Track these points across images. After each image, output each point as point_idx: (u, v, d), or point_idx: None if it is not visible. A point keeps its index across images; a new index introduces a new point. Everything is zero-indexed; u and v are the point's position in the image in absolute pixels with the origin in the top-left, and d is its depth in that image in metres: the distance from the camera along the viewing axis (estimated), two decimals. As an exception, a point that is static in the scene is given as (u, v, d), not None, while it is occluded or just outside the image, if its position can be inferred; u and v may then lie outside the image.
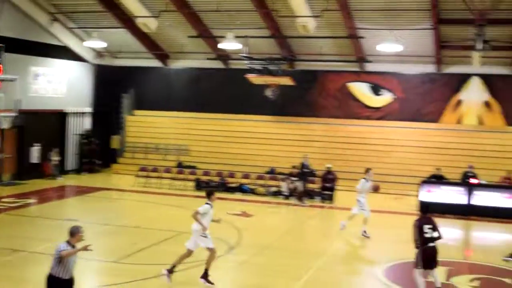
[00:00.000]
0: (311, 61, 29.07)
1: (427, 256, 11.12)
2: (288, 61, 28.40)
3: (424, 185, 22.39)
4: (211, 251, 12.08)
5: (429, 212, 11.64)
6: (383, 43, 24.52)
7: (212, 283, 11.94)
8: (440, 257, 11.55)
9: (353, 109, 29.22)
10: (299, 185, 23.88)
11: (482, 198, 21.69)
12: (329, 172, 24.19)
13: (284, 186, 24.46)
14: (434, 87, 28.11)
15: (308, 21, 23.82)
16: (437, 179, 23.27)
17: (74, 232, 9.17)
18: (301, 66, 29.67)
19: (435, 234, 11.20)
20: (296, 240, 17.56)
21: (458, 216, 21.14)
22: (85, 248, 8.92)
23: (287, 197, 24.26)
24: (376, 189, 17.36)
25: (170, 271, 12.03)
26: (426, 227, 11.15)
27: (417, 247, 11.23)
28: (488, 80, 27.27)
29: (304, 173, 24.03)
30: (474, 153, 26.35)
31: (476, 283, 13.14)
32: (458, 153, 26.50)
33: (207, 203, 12.14)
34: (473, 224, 20.54)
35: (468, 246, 17.09)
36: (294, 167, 24.64)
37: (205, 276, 11.96)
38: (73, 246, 9.04)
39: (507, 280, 13.47)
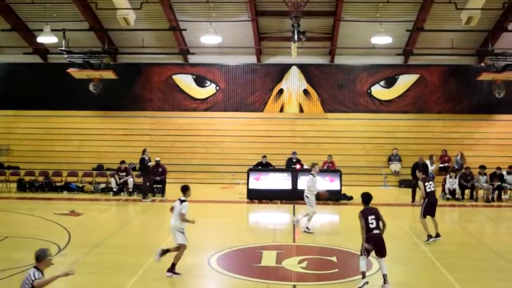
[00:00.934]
0: (134, 54, 28.68)
1: (372, 245, 11.55)
2: (110, 54, 27.79)
3: (252, 173, 23.01)
4: (183, 247, 12.41)
5: (368, 203, 12.10)
6: (205, 35, 24.80)
7: (179, 273, 12.33)
8: (271, 242, 11.92)
9: (180, 101, 29.28)
10: (142, 180, 23.28)
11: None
12: (158, 165, 23.99)
13: (113, 182, 23.91)
14: (256, 78, 28.97)
15: (128, 14, 23.44)
16: (263, 167, 24.01)
17: (41, 256, 8.15)
18: (124, 59, 29.17)
19: (380, 224, 11.72)
20: (128, 236, 17.23)
21: (285, 201, 22.00)
22: (66, 274, 8.10)
23: (116, 193, 23.75)
24: (324, 196, 17.14)
25: (171, 271, 12.30)
26: (370, 218, 11.64)
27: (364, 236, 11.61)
28: (306, 70, 28.62)
29: (145, 168, 23.33)
30: (297, 140, 27.58)
31: (304, 264, 13.69)
32: (282, 140, 27.57)
33: (185, 200, 12.45)
34: (299, 208, 21.40)
35: (296, 229, 17.79)
36: (122, 162, 24.12)
37: (171, 269, 12.35)
38: (42, 272, 8.05)
39: (333, 258, 14.20)
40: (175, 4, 24.74)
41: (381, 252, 11.67)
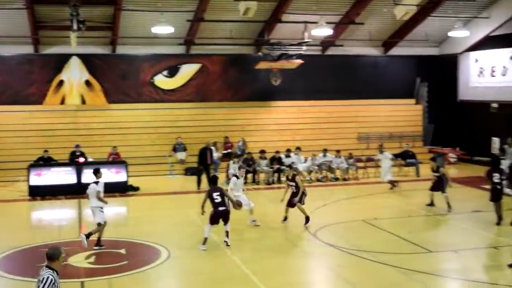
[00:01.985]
0: None
1: (215, 216, 14.33)
2: None
3: (32, 169, 21.97)
4: (102, 226, 14.33)
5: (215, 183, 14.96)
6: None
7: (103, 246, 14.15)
8: (56, 239, 11.50)
9: None
10: None
11: (92, 176, 22.11)
12: None
13: None
14: (34, 69, 27.52)
15: None
16: (45, 162, 23.00)
17: (56, 255, 7.26)
18: None
19: (225, 200, 14.51)
20: None
21: (70, 195, 21.29)
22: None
23: None
24: (239, 206, 16.09)
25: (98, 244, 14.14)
26: (215, 194, 14.33)
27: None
28: (87, 60, 27.83)
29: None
30: (81, 132, 26.77)
31: (92, 259, 13.43)
32: (65, 133, 26.56)
33: (98, 181, 14.49)
34: (85, 202, 20.77)
35: (82, 224, 17.34)
36: None
37: (98, 243, 14.20)
38: (57, 272, 7.17)
39: (122, 250, 14.10)
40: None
41: (224, 220, 14.47)
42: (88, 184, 15.01)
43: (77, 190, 21.27)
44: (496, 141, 27.97)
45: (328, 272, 13.11)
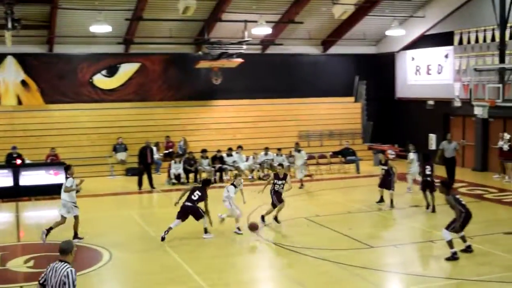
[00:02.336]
0: None
1: (182, 210, 15.04)
2: None
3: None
4: (77, 218, 14.97)
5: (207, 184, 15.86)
6: None
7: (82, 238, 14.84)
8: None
9: None
10: None
11: (30, 178, 21.72)
12: None
13: None
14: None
15: None
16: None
17: (69, 248, 7.50)
18: None
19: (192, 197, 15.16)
20: None
21: (7, 199, 20.78)
22: None
23: None
24: (255, 228, 15.53)
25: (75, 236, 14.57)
26: (195, 193, 15.17)
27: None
28: (23, 59, 27.15)
29: None
30: (17, 134, 26.13)
31: (31, 263, 13.16)
32: (1, 135, 25.88)
33: (68, 177, 14.83)
34: (23, 205, 20.40)
35: (20, 228, 16.94)
36: None
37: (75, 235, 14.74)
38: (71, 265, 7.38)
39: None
40: None
41: (195, 217, 15.12)
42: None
43: (14, 193, 20.82)
44: (433, 137, 28.70)
45: (271, 270, 13.21)
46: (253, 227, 15.48)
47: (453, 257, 12.96)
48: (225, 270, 12.79)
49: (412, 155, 21.85)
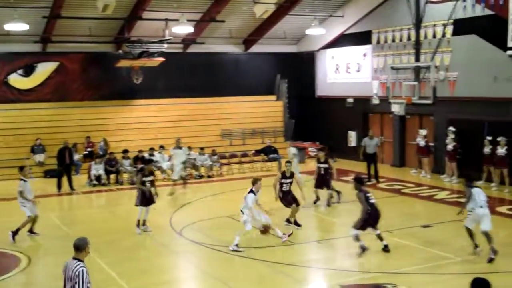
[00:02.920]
0: None
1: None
2: None
3: None
4: (30, 218, 15.43)
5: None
6: None
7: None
8: None
9: None
10: None
11: None
12: None
13: None
14: None
15: None
16: None
17: (83, 245, 7.55)
18: None
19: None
20: None
21: None
22: None
23: None
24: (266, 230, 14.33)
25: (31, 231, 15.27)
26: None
27: None
28: None
29: None
30: None
31: None
32: None
33: (22, 179, 15.34)
34: None
35: None
36: None
37: (31, 230, 15.44)
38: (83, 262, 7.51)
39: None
40: None
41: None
42: None
43: None
44: (352, 135, 29.33)
45: (195, 269, 13.18)
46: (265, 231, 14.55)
47: (362, 250, 13.15)
48: (148, 271, 12.66)
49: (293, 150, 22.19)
